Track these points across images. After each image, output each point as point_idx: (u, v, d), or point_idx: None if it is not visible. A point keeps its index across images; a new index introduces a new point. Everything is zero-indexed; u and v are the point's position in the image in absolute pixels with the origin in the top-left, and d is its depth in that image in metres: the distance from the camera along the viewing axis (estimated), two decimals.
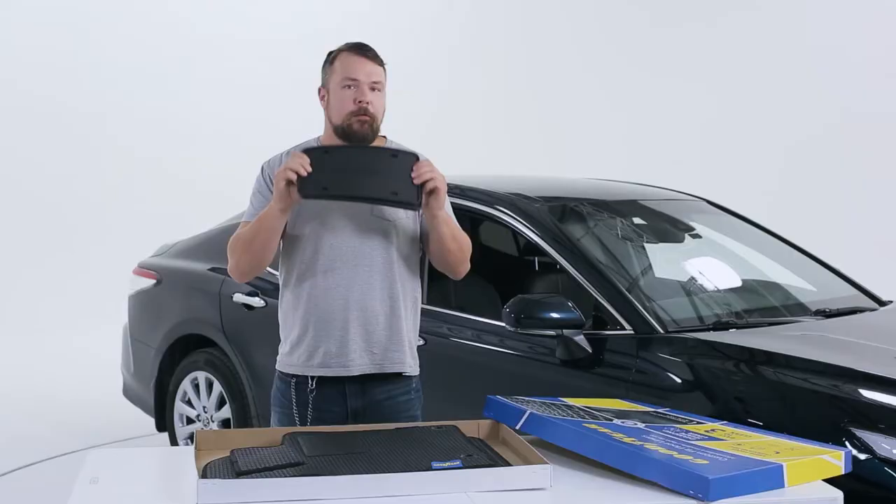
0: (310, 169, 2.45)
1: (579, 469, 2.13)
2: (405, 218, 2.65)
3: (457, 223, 2.67)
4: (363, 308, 2.61)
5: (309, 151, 2.50)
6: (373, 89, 2.60)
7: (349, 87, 2.59)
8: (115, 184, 8.64)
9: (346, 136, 2.61)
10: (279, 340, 2.75)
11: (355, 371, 2.63)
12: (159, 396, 4.67)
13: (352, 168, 2.48)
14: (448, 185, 3.69)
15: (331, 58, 2.67)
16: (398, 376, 2.68)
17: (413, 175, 2.47)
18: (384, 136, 2.74)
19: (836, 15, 8.40)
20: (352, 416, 2.66)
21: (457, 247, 2.62)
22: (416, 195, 2.49)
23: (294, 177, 2.44)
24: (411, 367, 2.71)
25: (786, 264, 3.93)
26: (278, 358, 2.74)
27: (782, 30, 8.69)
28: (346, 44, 2.67)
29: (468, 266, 2.68)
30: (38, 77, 8.35)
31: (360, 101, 2.57)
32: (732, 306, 3.39)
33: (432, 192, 2.50)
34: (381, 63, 2.64)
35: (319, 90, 2.69)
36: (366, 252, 2.60)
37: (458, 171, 4.32)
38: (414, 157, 2.52)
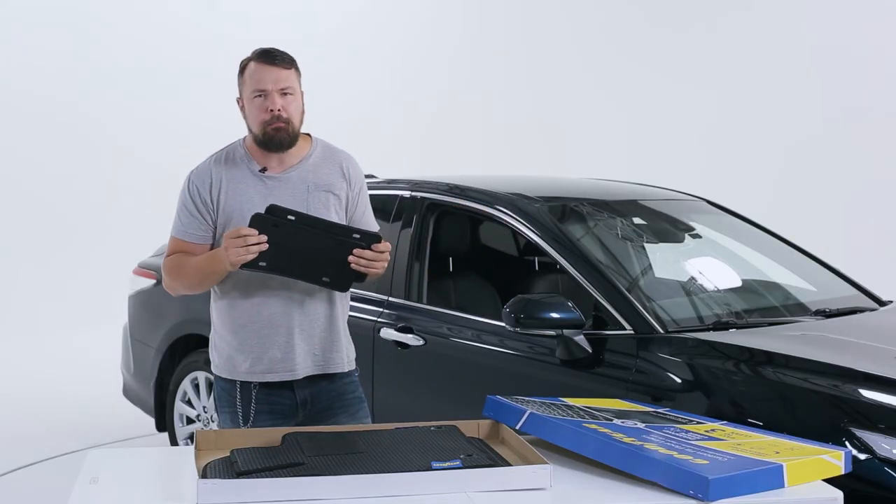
0: (265, 248, 2.46)
1: (579, 469, 2.13)
2: (338, 221, 2.69)
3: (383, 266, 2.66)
4: (305, 312, 2.67)
5: (257, 222, 2.47)
6: (284, 94, 2.62)
7: (259, 96, 2.62)
8: (115, 184, 8.64)
9: (265, 144, 2.65)
10: None
11: (300, 374, 2.70)
12: (159, 396, 4.67)
13: (292, 247, 2.50)
14: (448, 185, 3.73)
15: (241, 68, 2.69)
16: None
17: (351, 261, 2.52)
18: (308, 134, 2.77)
19: (836, 14, 8.40)
20: (301, 405, 2.72)
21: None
22: (346, 283, 2.59)
23: (250, 259, 2.46)
24: (349, 362, 2.79)
25: (786, 264, 3.92)
26: (216, 363, 2.77)
27: (781, 29, 8.69)
28: (254, 52, 2.68)
29: None
30: (38, 77, 8.35)
31: (270, 110, 2.60)
32: (732, 306, 3.38)
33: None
34: (289, 66, 2.65)
35: (237, 100, 2.71)
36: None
37: (457, 171, 4.33)
38: (352, 246, 2.52)
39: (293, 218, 2.50)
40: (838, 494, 2.00)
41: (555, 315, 2.96)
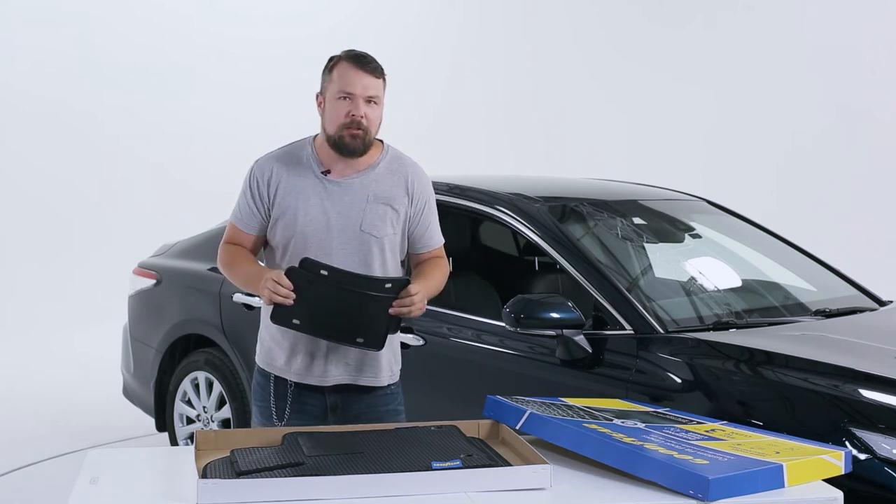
0: (291, 302, 2.45)
1: (579, 469, 2.13)
2: (392, 234, 2.66)
3: (436, 284, 2.71)
4: None
5: (293, 275, 2.47)
6: (368, 102, 2.57)
7: (344, 98, 2.57)
8: (115, 184, 8.64)
9: (337, 147, 2.60)
10: None
11: (331, 382, 2.67)
12: (159, 396, 4.67)
13: (327, 307, 2.49)
14: (448, 185, 3.73)
15: (330, 65, 2.63)
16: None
17: (392, 310, 2.49)
18: (381, 141, 2.74)
19: (836, 14, 8.40)
20: (331, 409, 2.70)
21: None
22: (381, 341, 2.53)
23: (277, 300, 2.46)
24: (388, 377, 2.74)
25: (786, 264, 3.93)
26: (258, 351, 2.77)
27: (782, 29, 8.69)
28: (346, 52, 2.62)
29: None
30: (37, 77, 8.34)
31: (353, 115, 2.55)
32: (732, 306, 3.39)
33: None
34: (379, 75, 2.60)
35: (317, 96, 2.67)
36: (351, 266, 2.59)
37: (458, 171, 4.33)
38: (387, 299, 2.49)
39: (326, 273, 2.47)
40: (838, 494, 2.00)
41: (555, 315, 2.96)
